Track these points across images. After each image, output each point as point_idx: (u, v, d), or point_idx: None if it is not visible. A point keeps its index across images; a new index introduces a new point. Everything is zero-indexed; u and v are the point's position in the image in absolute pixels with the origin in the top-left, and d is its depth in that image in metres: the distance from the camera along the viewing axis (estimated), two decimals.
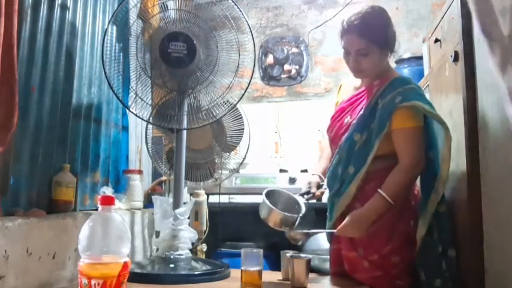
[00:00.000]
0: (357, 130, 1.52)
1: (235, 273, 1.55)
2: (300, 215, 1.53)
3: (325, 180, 1.65)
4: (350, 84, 1.69)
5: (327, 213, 1.62)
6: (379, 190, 1.43)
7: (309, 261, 1.45)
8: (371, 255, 1.47)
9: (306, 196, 1.63)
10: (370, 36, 1.48)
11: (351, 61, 1.53)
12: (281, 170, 2.77)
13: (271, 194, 1.60)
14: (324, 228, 1.64)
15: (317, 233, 1.59)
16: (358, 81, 1.65)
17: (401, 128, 1.45)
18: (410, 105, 1.43)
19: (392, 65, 2.48)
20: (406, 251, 1.46)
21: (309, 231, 1.54)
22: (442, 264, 1.43)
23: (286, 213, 1.52)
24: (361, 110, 1.54)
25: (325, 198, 1.69)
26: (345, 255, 1.54)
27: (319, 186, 1.65)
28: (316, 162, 1.79)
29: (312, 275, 1.50)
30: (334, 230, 1.51)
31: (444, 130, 1.42)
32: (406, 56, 2.56)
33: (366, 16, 1.50)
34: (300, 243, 1.56)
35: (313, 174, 1.70)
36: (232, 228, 2.46)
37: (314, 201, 1.67)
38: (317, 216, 1.69)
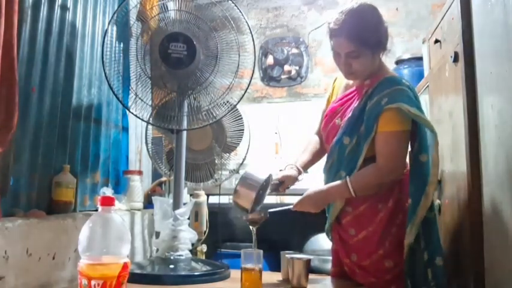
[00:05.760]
0: (346, 133, 1.47)
1: (235, 274, 1.55)
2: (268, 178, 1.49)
3: (302, 175, 1.61)
4: (344, 80, 1.61)
5: (326, 214, 1.62)
6: (347, 178, 1.41)
7: (308, 261, 1.45)
8: (364, 261, 1.45)
9: (273, 189, 1.57)
10: (361, 39, 1.38)
11: (341, 63, 1.45)
12: (281, 171, 2.76)
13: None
14: (323, 229, 1.64)
15: (274, 212, 1.52)
16: None
17: (383, 132, 1.39)
18: (395, 108, 1.37)
19: (392, 65, 2.49)
20: (400, 256, 1.40)
21: (266, 211, 1.49)
22: (427, 273, 1.38)
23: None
24: (350, 111, 1.49)
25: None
26: (342, 260, 1.53)
27: (294, 180, 1.59)
28: (299, 153, 1.70)
29: (311, 276, 1.49)
30: (291, 207, 1.50)
31: (432, 134, 1.37)
32: (406, 56, 2.56)
33: (355, 16, 1.40)
34: (257, 225, 1.49)
35: (291, 167, 1.62)
36: (232, 229, 2.46)
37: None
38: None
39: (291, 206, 1.51)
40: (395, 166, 1.42)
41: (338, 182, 1.44)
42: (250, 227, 1.50)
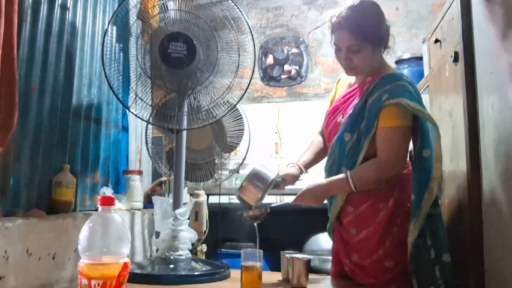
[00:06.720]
0: (347, 130, 1.48)
1: (235, 273, 1.55)
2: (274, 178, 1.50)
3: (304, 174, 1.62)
4: (347, 80, 1.64)
5: (328, 213, 1.62)
6: (348, 172, 1.42)
7: (308, 261, 1.45)
8: (364, 260, 1.45)
9: (273, 187, 1.56)
10: (362, 33, 1.41)
11: (342, 58, 1.48)
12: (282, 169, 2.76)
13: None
14: (324, 230, 1.64)
15: (275, 207, 1.55)
16: (353, 78, 1.60)
17: (384, 127, 1.40)
18: (395, 103, 1.37)
19: (392, 65, 2.49)
20: (401, 256, 1.40)
21: (267, 206, 1.51)
22: (435, 271, 1.37)
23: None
24: (352, 108, 1.50)
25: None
26: (342, 260, 1.53)
27: (295, 179, 1.59)
28: (301, 153, 1.71)
29: (311, 276, 1.49)
30: (292, 201, 1.51)
31: (434, 128, 1.38)
32: (406, 56, 2.56)
33: (357, 11, 1.43)
34: (259, 221, 1.52)
35: (292, 166, 1.62)
36: (232, 229, 2.46)
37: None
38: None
39: (292, 201, 1.51)
40: (396, 161, 1.42)
41: (339, 176, 1.45)
42: (254, 223, 1.51)
